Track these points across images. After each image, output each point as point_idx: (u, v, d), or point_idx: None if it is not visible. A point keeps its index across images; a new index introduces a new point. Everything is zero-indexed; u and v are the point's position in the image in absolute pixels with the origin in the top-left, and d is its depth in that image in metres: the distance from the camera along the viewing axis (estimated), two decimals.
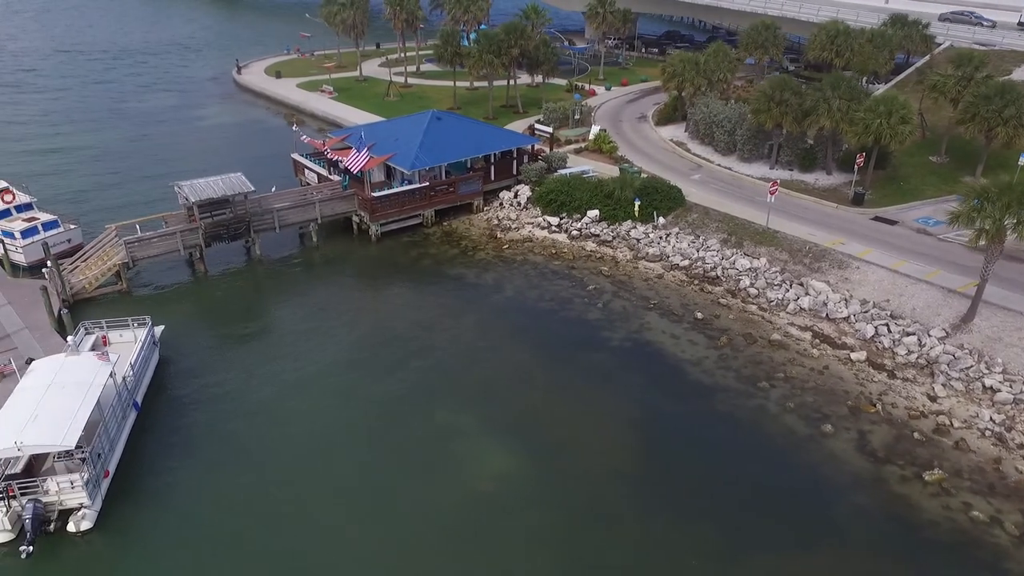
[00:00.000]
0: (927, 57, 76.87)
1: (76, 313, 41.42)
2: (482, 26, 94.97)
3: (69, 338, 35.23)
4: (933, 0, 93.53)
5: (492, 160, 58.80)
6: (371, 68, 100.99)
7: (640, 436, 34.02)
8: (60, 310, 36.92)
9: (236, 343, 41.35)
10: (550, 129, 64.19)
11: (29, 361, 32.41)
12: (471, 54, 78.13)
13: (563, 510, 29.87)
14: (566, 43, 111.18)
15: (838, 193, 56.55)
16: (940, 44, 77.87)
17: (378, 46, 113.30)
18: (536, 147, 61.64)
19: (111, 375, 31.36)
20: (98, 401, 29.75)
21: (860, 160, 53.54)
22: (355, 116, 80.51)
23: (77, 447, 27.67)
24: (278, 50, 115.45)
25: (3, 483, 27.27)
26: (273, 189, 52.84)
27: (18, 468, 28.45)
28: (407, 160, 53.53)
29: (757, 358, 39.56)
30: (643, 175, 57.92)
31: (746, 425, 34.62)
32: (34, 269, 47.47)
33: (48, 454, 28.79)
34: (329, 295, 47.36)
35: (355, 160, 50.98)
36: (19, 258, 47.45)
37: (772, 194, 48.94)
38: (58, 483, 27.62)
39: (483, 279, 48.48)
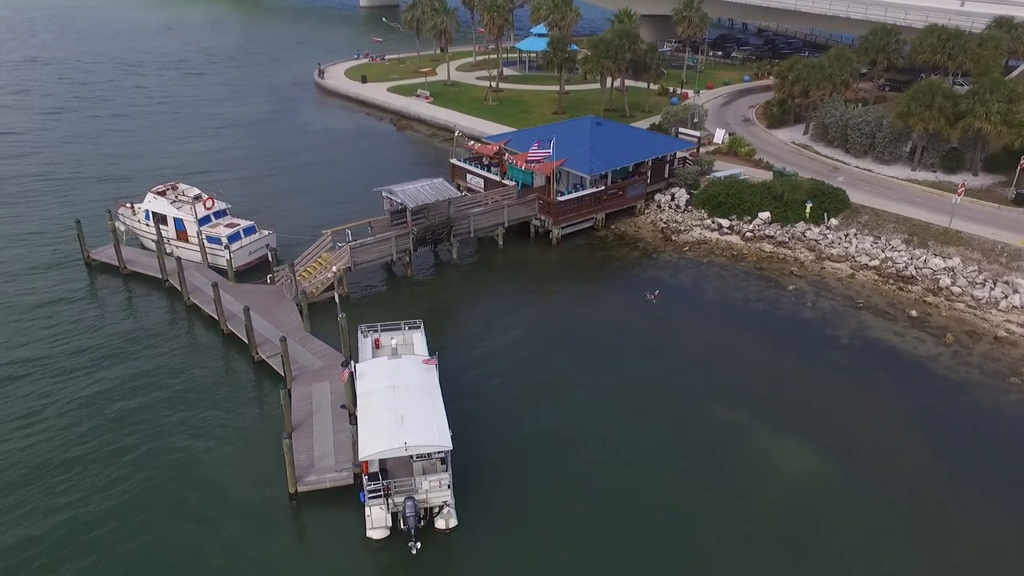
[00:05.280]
0: None
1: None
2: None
3: (368, 342, 35.89)
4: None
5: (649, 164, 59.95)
6: (446, 72, 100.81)
7: (924, 431, 35.22)
8: (340, 316, 37.47)
9: (474, 343, 42.01)
10: (698, 133, 65.41)
11: (346, 363, 33.06)
12: (587, 59, 79.44)
13: (894, 507, 30.88)
14: None
15: (992, 194, 58.18)
16: None
17: (442, 50, 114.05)
18: (690, 152, 62.94)
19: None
20: None
21: None
22: (463, 121, 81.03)
23: None
24: (347, 55, 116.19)
25: (383, 483, 28.11)
26: (463, 192, 53.65)
27: (374, 468, 29.21)
28: (584, 165, 54.55)
29: (992, 355, 41.00)
30: (800, 178, 59.14)
31: (1018, 419, 36.02)
32: (240, 275, 48.07)
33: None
34: (536, 297, 48.39)
35: (539, 164, 52.08)
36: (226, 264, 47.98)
37: (959, 195, 50.49)
38: (428, 482, 28.48)
39: (679, 281, 49.60)
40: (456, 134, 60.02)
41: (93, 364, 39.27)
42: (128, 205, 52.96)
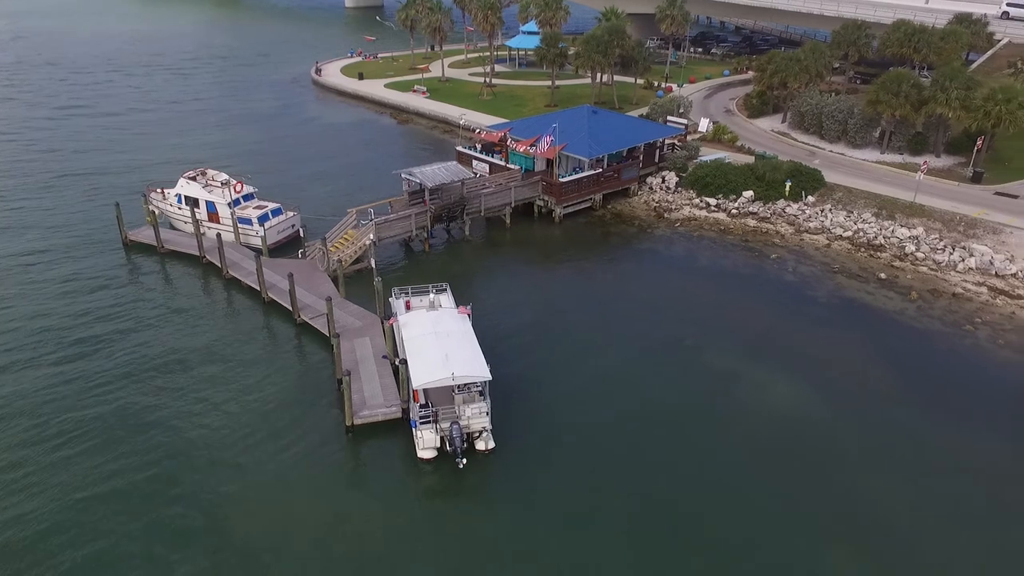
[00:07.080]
0: (990, 53, 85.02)
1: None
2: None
3: (400, 304, 40.05)
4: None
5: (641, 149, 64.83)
6: (439, 69, 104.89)
7: (893, 371, 40.34)
8: (376, 280, 41.84)
9: (494, 306, 46.13)
10: (685, 121, 70.53)
11: (387, 316, 37.52)
12: (579, 54, 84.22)
13: (868, 432, 35.91)
14: None
15: (953, 173, 63.82)
16: (1000, 40, 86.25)
17: (432, 48, 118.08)
18: (678, 138, 68.02)
19: None
20: None
21: (980, 143, 60.77)
22: (460, 114, 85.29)
23: None
24: (340, 53, 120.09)
25: (432, 410, 32.71)
26: (478, 175, 58.29)
27: (423, 399, 33.73)
28: (583, 149, 59.32)
29: (950, 308, 46.39)
30: (780, 160, 64.31)
31: (971, 358, 41.50)
32: (270, 252, 52.13)
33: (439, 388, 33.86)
34: (544, 267, 53.15)
35: (543, 150, 56.77)
36: (258, 242, 52.09)
37: (923, 172, 55.97)
38: (470, 409, 33.08)
39: (674, 252, 54.59)
40: (462, 121, 64.44)
41: (149, 332, 43.25)
42: (158, 191, 56.84)
